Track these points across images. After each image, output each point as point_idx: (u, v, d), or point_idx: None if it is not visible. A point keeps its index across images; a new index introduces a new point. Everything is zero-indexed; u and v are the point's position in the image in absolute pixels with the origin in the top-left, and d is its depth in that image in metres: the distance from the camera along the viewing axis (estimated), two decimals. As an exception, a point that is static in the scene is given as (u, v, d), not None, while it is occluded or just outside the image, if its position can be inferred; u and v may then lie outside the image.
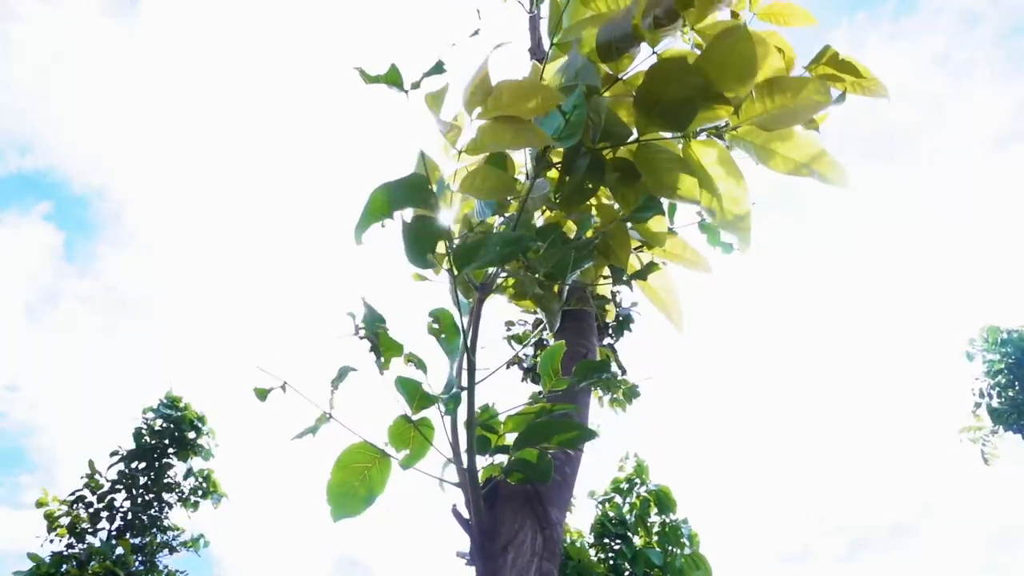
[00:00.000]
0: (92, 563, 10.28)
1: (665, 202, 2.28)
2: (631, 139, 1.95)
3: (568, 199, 2.06)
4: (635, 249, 2.50)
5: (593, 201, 2.24)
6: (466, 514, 1.96)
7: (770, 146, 1.98)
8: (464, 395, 1.87)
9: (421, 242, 1.73)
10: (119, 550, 10.71)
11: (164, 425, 12.57)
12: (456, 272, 1.80)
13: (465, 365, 1.89)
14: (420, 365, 2.08)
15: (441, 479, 2.11)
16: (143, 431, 12.50)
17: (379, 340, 1.88)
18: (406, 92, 1.60)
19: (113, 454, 12.31)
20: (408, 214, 1.75)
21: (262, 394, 1.86)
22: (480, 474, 2.11)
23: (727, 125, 1.93)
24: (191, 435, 12.72)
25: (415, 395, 1.90)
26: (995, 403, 16.31)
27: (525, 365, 5.02)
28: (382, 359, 1.88)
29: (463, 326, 1.91)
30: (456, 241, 1.82)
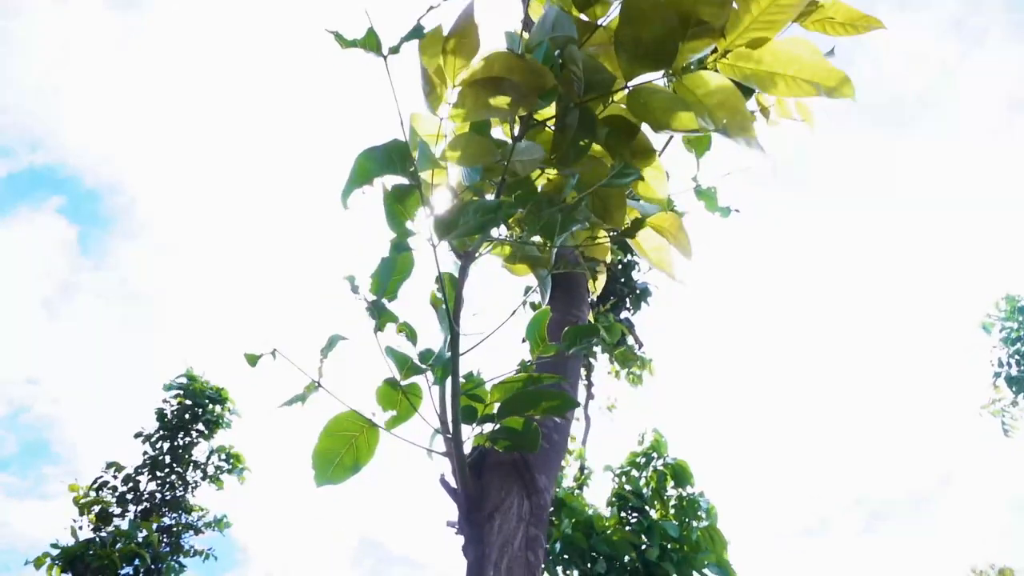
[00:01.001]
0: (118, 545, 10.58)
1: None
2: (619, 87, 1.92)
3: (562, 158, 2.04)
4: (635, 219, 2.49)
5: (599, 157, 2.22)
6: (454, 483, 2.00)
7: (767, 69, 1.92)
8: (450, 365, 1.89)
9: (400, 211, 1.74)
10: (143, 532, 11.00)
11: (185, 402, 12.79)
12: (436, 241, 1.81)
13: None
14: (411, 336, 2.10)
15: (429, 449, 2.15)
16: (165, 410, 12.75)
17: (378, 307, 1.90)
18: (384, 57, 1.60)
19: (137, 435, 12.60)
20: (390, 181, 1.77)
21: (252, 360, 1.90)
22: (471, 443, 2.15)
23: (716, 51, 1.89)
24: (214, 409, 12.91)
25: (404, 364, 1.93)
26: (1014, 372, 16.23)
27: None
28: (378, 323, 1.90)
29: (445, 296, 1.93)
30: (438, 209, 1.82)
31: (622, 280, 12.25)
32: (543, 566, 1.90)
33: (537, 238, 2.22)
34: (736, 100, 1.94)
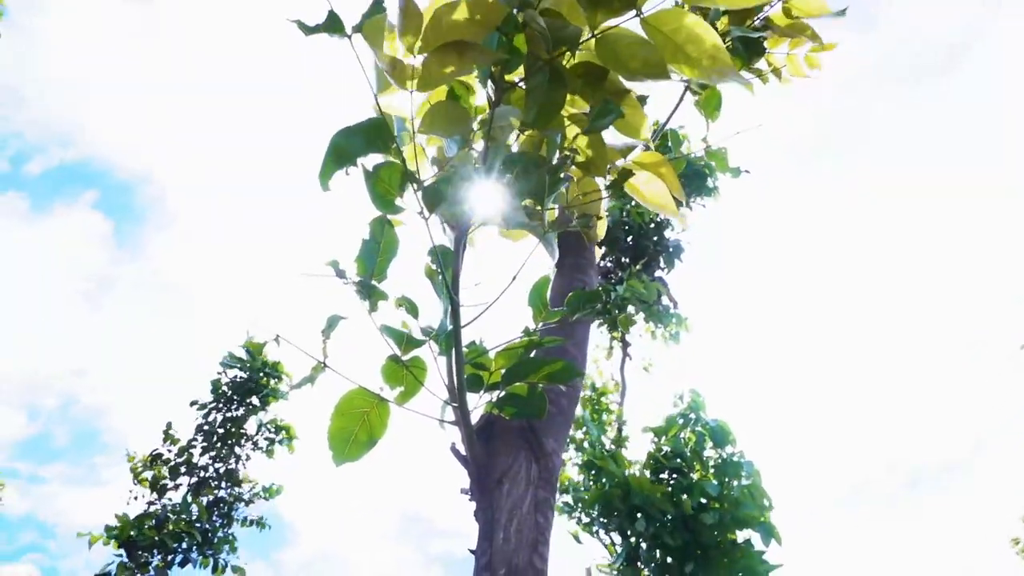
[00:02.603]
0: (170, 522, 11.02)
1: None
2: (586, 37, 1.91)
3: (537, 118, 2.04)
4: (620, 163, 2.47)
5: (571, 111, 2.22)
6: (464, 451, 2.07)
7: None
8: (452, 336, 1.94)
9: (385, 188, 1.78)
10: (194, 508, 11.42)
11: (240, 376, 13.03)
12: (427, 214, 1.85)
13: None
14: (412, 309, 2.16)
15: (441, 419, 2.22)
16: (220, 381, 13.01)
17: (365, 287, 1.96)
18: (349, 37, 1.62)
19: (193, 403, 12.91)
20: (371, 160, 1.80)
21: (257, 348, 1.98)
22: (481, 411, 2.21)
23: None
24: (268, 382, 13.16)
25: (401, 340, 1.99)
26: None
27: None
28: (370, 303, 1.96)
29: (442, 268, 1.97)
30: (424, 183, 1.86)
31: (654, 238, 12.19)
32: (552, 527, 1.97)
33: (528, 201, 2.24)
34: (706, 34, 1.90)
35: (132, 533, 10.53)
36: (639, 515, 7.85)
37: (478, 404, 2.15)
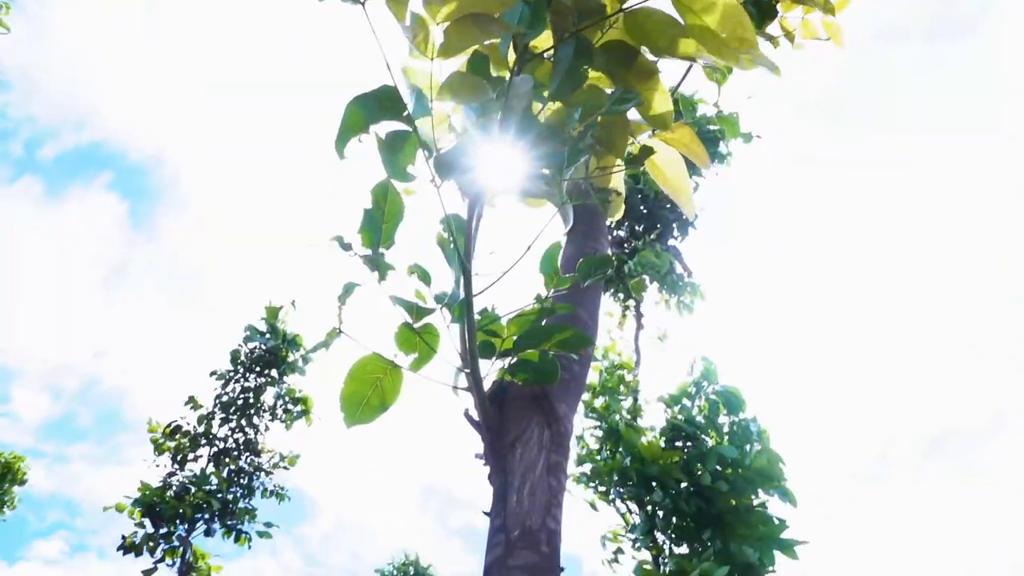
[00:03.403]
0: (190, 493, 11.26)
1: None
2: (614, 11, 1.92)
3: (559, 89, 2.06)
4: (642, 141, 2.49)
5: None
6: (477, 417, 2.11)
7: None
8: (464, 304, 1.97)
9: (398, 156, 1.80)
10: (213, 479, 11.65)
11: (259, 348, 13.16)
12: (440, 182, 1.87)
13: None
14: (424, 277, 2.19)
15: (455, 386, 2.26)
16: (240, 352, 13.15)
17: (372, 260, 1.99)
18: (362, 3, 1.63)
19: (212, 373, 13.08)
20: (384, 128, 1.82)
21: (272, 312, 2.02)
22: (494, 377, 2.25)
23: None
24: (288, 355, 13.29)
25: (412, 309, 2.02)
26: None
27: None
28: (378, 274, 1.99)
29: (454, 236, 1.99)
30: (437, 151, 1.88)
31: (667, 207, 12.12)
32: (566, 490, 2.01)
33: (546, 171, 2.26)
34: (737, 13, 1.91)
35: (155, 501, 10.77)
36: (655, 484, 7.93)
37: (490, 371, 2.18)
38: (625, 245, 12.02)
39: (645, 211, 11.95)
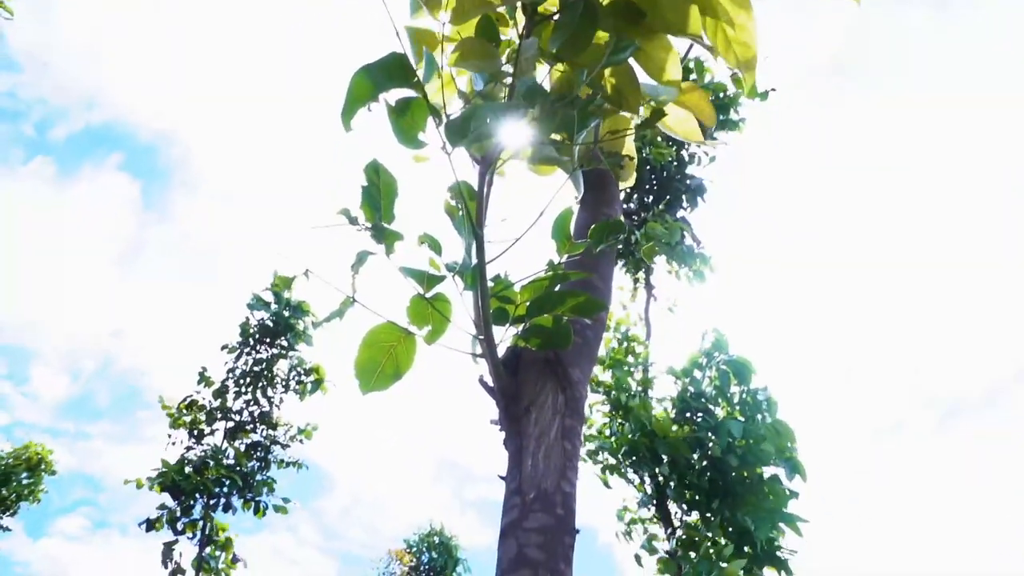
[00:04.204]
0: (209, 467, 11.41)
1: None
2: None
3: (563, 50, 2.05)
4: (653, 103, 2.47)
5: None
6: (492, 383, 2.13)
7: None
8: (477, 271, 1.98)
9: (408, 123, 1.80)
10: (230, 452, 11.80)
11: (267, 319, 13.23)
12: (450, 149, 1.87)
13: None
14: (434, 246, 2.20)
15: (473, 353, 2.28)
16: (248, 324, 13.22)
17: (378, 230, 2.00)
18: (370, -32, 1.63)
19: (223, 347, 13.18)
20: (393, 95, 1.82)
21: (285, 282, 2.04)
22: (508, 344, 2.26)
23: None
24: (296, 323, 13.35)
25: (423, 278, 2.04)
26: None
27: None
28: (385, 246, 2.00)
29: (465, 203, 2.00)
30: (447, 118, 1.88)
31: (677, 177, 12.05)
32: (580, 455, 2.04)
33: (557, 137, 2.25)
34: (744, 6, 1.93)
35: (175, 477, 10.93)
36: (664, 458, 7.99)
37: (504, 337, 2.20)
38: (634, 217, 11.98)
39: (653, 182, 11.89)
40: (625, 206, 12.18)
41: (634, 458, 8.35)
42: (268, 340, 13.09)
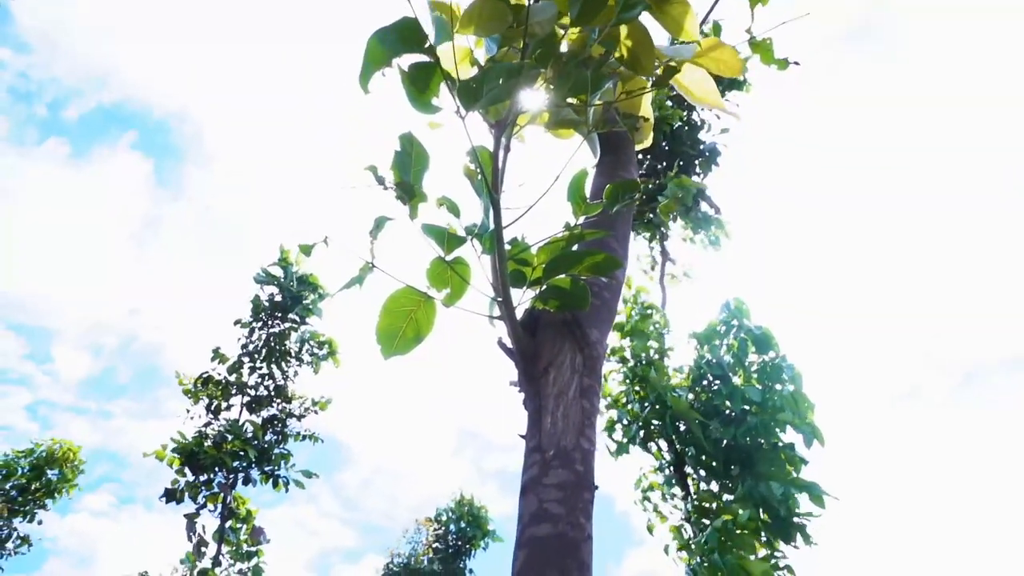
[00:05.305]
0: (227, 442, 11.63)
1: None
2: None
3: (580, 14, 2.06)
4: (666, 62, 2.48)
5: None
6: (510, 344, 2.18)
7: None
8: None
9: (421, 88, 1.83)
10: (247, 426, 12.01)
11: (276, 294, 13.40)
12: (464, 113, 1.90)
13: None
14: (453, 209, 2.24)
15: (491, 316, 2.33)
16: (259, 299, 13.39)
17: (406, 189, 2.03)
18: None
19: (236, 322, 13.37)
20: (407, 60, 1.85)
21: (306, 249, 2.09)
22: (526, 306, 2.31)
23: None
24: (306, 296, 13.51)
25: (443, 239, 2.08)
26: None
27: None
28: (410, 207, 2.04)
29: (481, 167, 2.03)
30: (460, 81, 1.90)
31: (688, 143, 11.97)
32: (599, 413, 2.09)
33: (573, 100, 2.27)
34: None
35: (194, 449, 11.14)
36: (681, 426, 8.07)
37: (522, 300, 2.24)
38: (647, 184, 11.93)
39: (666, 147, 11.81)
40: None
41: (652, 427, 8.43)
42: (279, 315, 13.27)
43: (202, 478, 11.33)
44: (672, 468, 8.66)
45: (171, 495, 11.00)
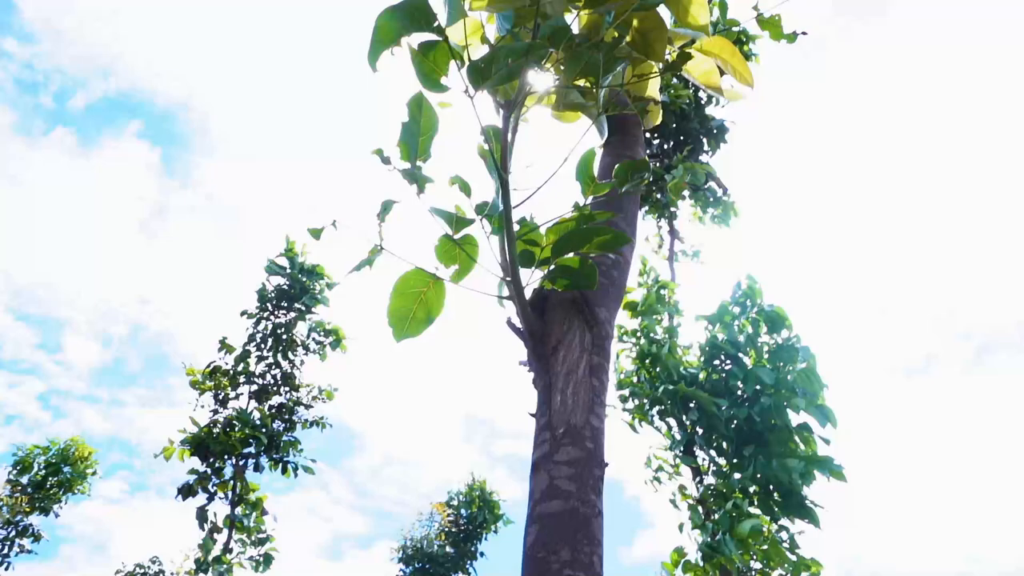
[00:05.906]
0: (236, 429, 11.76)
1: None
2: None
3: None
4: (681, 47, 2.48)
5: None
6: (519, 324, 2.20)
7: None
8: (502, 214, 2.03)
9: (430, 67, 1.84)
10: (256, 414, 12.14)
11: (283, 284, 13.51)
12: (473, 92, 1.91)
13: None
14: (464, 188, 2.26)
15: (499, 296, 2.35)
16: (265, 289, 13.52)
17: (411, 172, 2.05)
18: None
19: (243, 313, 13.50)
20: (416, 39, 1.86)
21: (315, 233, 2.11)
22: (535, 286, 2.33)
23: None
24: (312, 285, 13.62)
25: (451, 219, 2.10)
26: None
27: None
28: (417, 187, 2.06)
29: (491, 147, 2.04)
30: (470, 60, 1.91)
31: (696, 120, 11.90)
32: (607, 391, 2.11)
33: (583, 82, 2.28)
34: None
35: (203, 438, 11.28)
36: (692, 405, 8.10)
37: (531, 279, 2.27)
38: (658, 164, 11.90)
39: (674, 126, 11.76)
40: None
41: (663, 406, 8.46)
42: (285, 304, 13.38)
43: (213, 466, 11.47)
44: (682, 448, 8.70)
45: (187, 492, 11.16)
